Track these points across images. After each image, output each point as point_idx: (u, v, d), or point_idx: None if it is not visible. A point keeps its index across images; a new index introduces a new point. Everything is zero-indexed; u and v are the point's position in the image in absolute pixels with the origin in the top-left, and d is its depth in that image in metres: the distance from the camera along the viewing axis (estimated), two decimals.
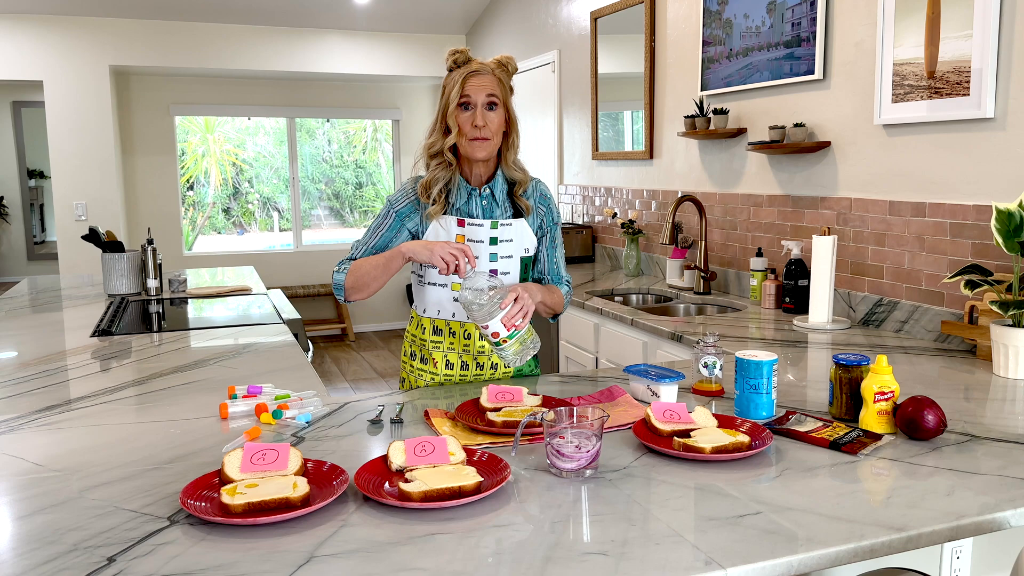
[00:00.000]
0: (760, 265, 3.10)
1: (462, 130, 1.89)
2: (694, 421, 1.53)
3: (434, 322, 2.01)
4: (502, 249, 1.98)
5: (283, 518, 1.17)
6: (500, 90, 1.90)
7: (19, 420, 1.72)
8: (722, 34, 3.29)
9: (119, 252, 3.50)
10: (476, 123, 1.87)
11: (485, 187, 1.97)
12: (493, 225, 1.96)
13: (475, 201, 1.97)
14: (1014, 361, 1.95)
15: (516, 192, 2.00)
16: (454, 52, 1.91)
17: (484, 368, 2.02)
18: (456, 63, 1.91)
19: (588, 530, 1.15)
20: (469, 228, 1.95)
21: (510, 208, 2.00)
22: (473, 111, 1.88)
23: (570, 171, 4.84)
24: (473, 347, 2.00)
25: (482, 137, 1.89)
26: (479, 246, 1.96)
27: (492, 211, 1.98)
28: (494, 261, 1.97)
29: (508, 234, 1.98)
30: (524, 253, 2.01)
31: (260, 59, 6.27)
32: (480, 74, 1.89)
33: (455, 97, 1.88)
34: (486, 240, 1.96)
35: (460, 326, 1.99)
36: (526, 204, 2.00)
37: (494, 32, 6.05)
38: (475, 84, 1.88)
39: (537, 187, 2.06)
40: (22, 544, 1.13)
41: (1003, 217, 1.97)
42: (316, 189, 7.73)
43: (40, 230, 9.52)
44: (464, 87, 1.88)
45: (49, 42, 5.75)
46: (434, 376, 2.03)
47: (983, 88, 2.21)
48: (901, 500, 1.25)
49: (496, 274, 1.97)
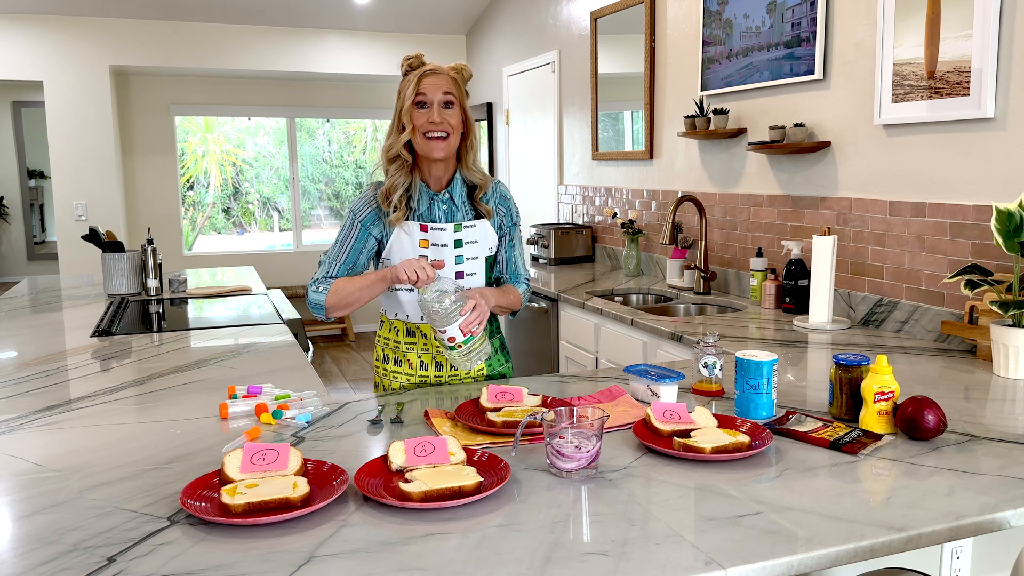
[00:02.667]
0: (760, 265, 3.10)
1: (418, 128, 1.90)
2: (694, 421, 1.53)
3: (407, 324, 2.02)
4: (467, 251, 1.99)
5: (283, 518, 1.17)
6: (456, 90, 1.92)
7: (19, 420, 1.72)
8: (722, 34, 3.29)
9: (119, 252, 3.50)
10: (433, 119, 1.88)
11: (444, 191, 1.98)
12: (456, 228, 1.98)
13: (436, 206, 1.98)
14: (1014, 361, 1.95)
15: (476, 196, 2.01)
16: (408, 57, 1.94)
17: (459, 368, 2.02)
18: (411, 66, 1.93)
19: (588, 530, 1.15)
20: (432, 232, 1.96)
21: (471, 211, 2.01)
22: (430, 108, 1.89)
23: (570, 171, 4.84)
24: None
25: (440, 134, 1.89)
26: (443, 250, 1.97)
27: (453, 215, 1.99)
28: (460, 263, 1.98)
29: (472, 235, 1.99)
30: (488, 252, 2.03)
31: (260, 59, 6.27)
32: (436, 73, 1.91)
33: (411, 95, 1.89)
34: (450, 243, 1.97)
35: (431, 328, 1.99)
36: (486, 208, 2.02)
37: (494, 32, 6.05)
38: (430, 83, 1.90)
39: (497, 188, 2.07)
40: (22, 544, 1.13)
41: (1003, 217, 1.97)
42: (316, 189, 7.73)
43: (40, 230, 9.52)
44: (420, 86, 1.89)
45: (49, 42, 5.75)
46: (409, 377, 2.04)
47: (983, 88, 2.21)
48: (901, 500, 1.25)
49: (463, 275, 1.99)
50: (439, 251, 1.97)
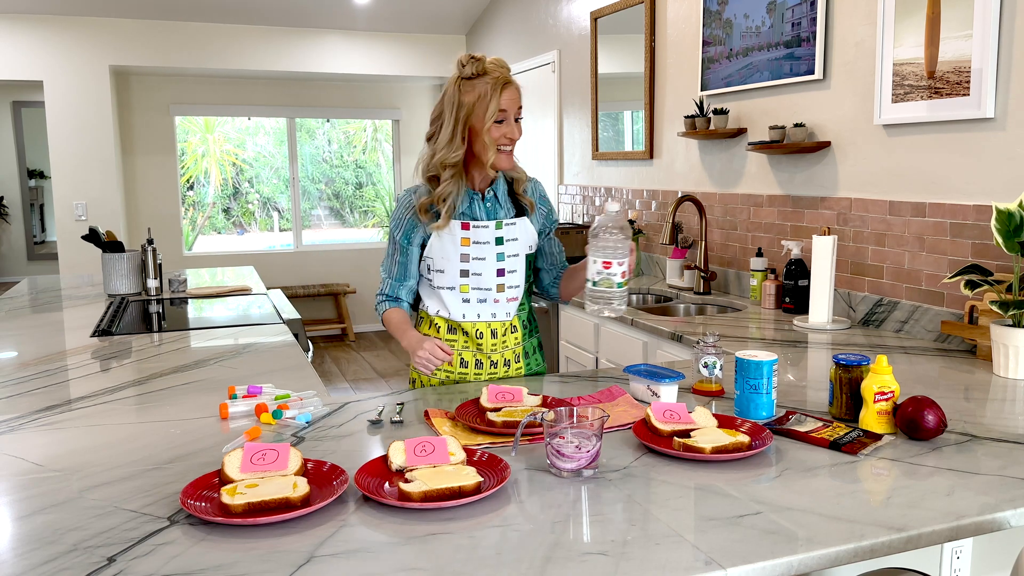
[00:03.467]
0: (760, 265, 3.10)
1: (495, 141, 1.89)
2: (694, 421, 1.53)
3: (448, 321, 2.02)
4: (508, 248, 1.99)
5: (283, 518, 1.17)
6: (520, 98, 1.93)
7: (19, 420, 1.72)
8: (722, 34, 3.29)
9: (119, 252, 3.50)
10: (512, 136, 1.88)
11: (489, 189, 1.98)
12: (498, 226, 1.97)
13: (478, 204, 1.98)
14: (1014, 361, 1.95)
15: (518, 190, 2.02)
16: (472, 59, 1.86)
17: (498, 366, 2.04)
18: (476, 71, 1.86)
19: (588, 530, 1.15)
20: (474, 231, 1.96)
21: (512, 208, 2.02)
22: (507, 123, 1.88)
23: (570, 171, 4.84)
24: (486, 346, 2.01)
25: (509, 150, 1.91)
26: (485, 247, 1.97)
27: (496, 212, 1.99)
28: (501, 261, 1.98)
29: (513, 233, 1.99)
30: (528, 250, 2.03)
31: (260, 59, 6.27)
32: (511, 84, 1.88)
33: (493, 111, 1.85)
34: (492, 241, 1.97)
35: (472, 326, 2.00)
36: (529, 201, 2.03)
37: (494, 32, 6.05)
38: (510, 97, 1.87)
39: (536, 187, 2.08)
40: (22, 544, 1.13)
41: (1003, 217, 1.97)
42: (316, 189, 7.73)
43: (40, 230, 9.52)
44: (501, 101, 1.86)
45: (49, 42, 5.75)
46: (449, 374, 2.04)
47: (983, 88, 2.21)
48: (901, 500, 1.25)
49: (504, 273, 1.99)
50: (480, 248, 1.96)
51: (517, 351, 2.06)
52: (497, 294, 1.99)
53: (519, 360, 2.07)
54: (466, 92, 1.87)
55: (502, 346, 2.03)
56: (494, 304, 2.00)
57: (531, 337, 2.12)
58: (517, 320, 2.04)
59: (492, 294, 1.99)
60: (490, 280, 1.98)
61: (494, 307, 2.00)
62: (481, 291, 1.99)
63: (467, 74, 1.87)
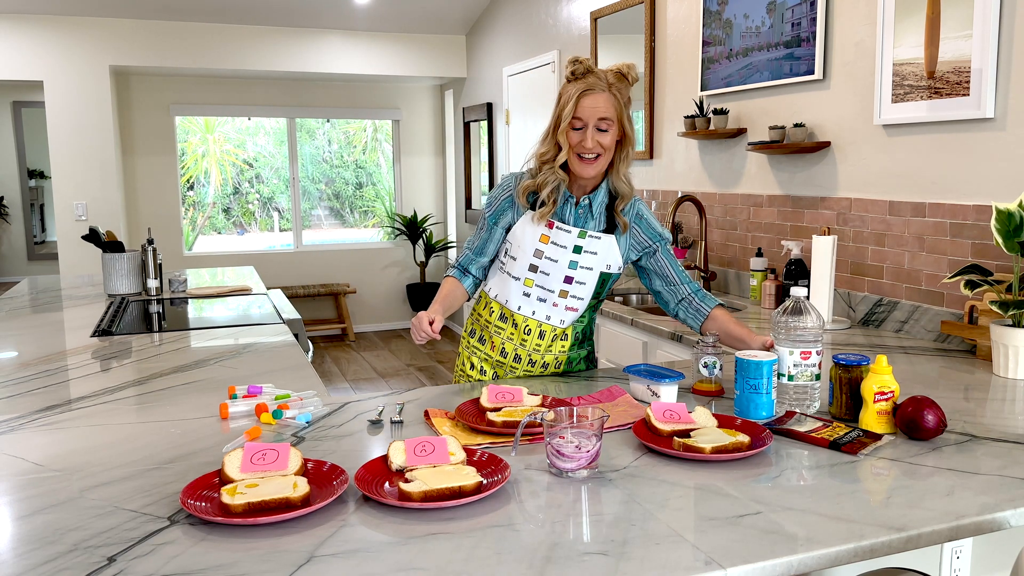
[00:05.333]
0: (760, 265, 3.10)
1: (572, 147, 1.88)
2: (694, 421, 1.53)
3: (503, 309, 2.03)
4: (583, 260, 1.97)
5: (283, 518, 1.17)
6: (615, 109, 1.87)
7: (19, 420, 1.72)
8: (722, 34, 3.29)
9: (119, 252, 3.50)
10: (585, 144, 1.86)
11: (586, 196, 1.96)
12: (581, 235, 1.96)
13: (570, 208, 1.97)
14: (1014, 361, 1.95)
15: (617, 207, 1.97)
16: (574, 62, 1.87)
17: (535, 365, 2.04)
18: (574, 74, 1.87)
19: (588, 530, 1.15)
20: (556, 232, 1.96)
21: (604, 222, 1.98)
22: (583, 132, 1.86)
23: None
24: (531, 343, 2.02)
25: (591, 156, 1.88)
26: (561, 251, 1.96)
27: (585, 221, 1.97)
28: (572, 269, 1.97)
29: (594, 247, 1.97)
30: (606, 269, 1.99)
31: (260, 59, 6.27)
32: (594, 93, 1.86)
33: (568, 115, 1.86)
34: (570, 247, 1.96)
35: (524, 319, 2.01)
36: (623, 221, 1.97)
37: (494, 32, 6.05)
38: (588, 105, 1.85)
39: (635, 205, 2.01)
40: (22, 544, 1.13)
41: (1003, 217, 1.97)
42: (316, 189, 7.73)
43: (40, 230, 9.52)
44: (577, 107, 1.85)
45: (49, 42, 5.75)
46: (488, 358, 2.06)
47: (983, 88, 2.21)
48: (901, 500, 1.25)
49: (572, 282, 1.97)
50: (556, 251, 1.96)
51: (560, 358, 2.06)
52: (558, 299, 1.99)
53: (560, 367, 2.07)
54: (562, 94, 1.90)
55: (546, 349, 2.03)
56: (552, 308, 2.00)
57: (580, 348, 2.10)
58: (571, 330, 2.04)
59: (553, 297, 1.99)
60: (555, 283, 1.97)
61: (551, 310, 2.00)
62: (543, 291, 1.98)
63: (567, 75, 1.89)
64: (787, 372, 1.67)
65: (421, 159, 7.65)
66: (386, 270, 7.58)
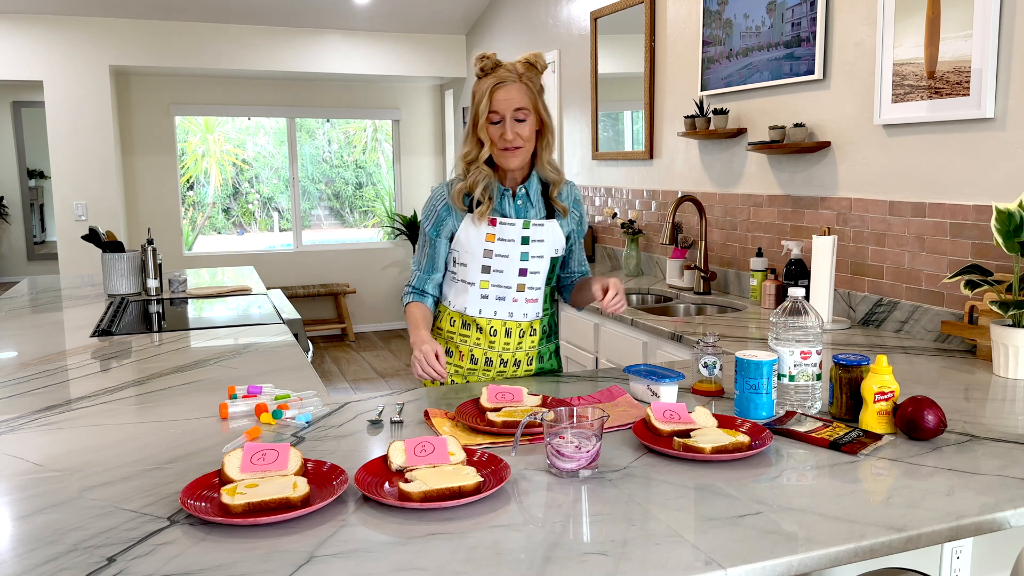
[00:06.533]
0: (760, 265, 3.10)
1: (493, 142, 1.90)
2: (694, 421, 1.53)
3: (463, 316, 2.02)
4: (533, 249, 1.99)
5: (283, 518, 1.17)
6: (528, 98, 1.89)
7: (19, 420, 1.72)
8: (722, 34, 3.29)
9: (119, 252, 3.50)
10: (506, 137, 1.87)
11: (520, 187, 1.98)
12: (525, 225, 1.97)
13: (508, 202, 1.98)
14: (1014, 361, 1.95)
15: (551, 194, 2.01)
16: (481, 58, 1.89)
17: (507, 365, 2.04)
18: (483, 70, 1.89)
19: (588, 530, 1.15)
20: (500, 227, 1.96)
21: (544, 209, 2.01)
22: (502, 125, 1.88)
23: (570, 171, 4.84)
24: (499, 344, 2.02)
25: (513, 148, 1.89)
26: (509, 245, 1.97)
27: (526, 211, 1.99)
28: (525, 261, 1.98)
29: (540, 234, 1.99)
30: (554, 254, 2.03)
31: (260, 59, 6.27)
32: (506, 85, 1.87)
33: (484, 111, 1.88)
34: (517, 239, 1.97)
35: (487, 322, 2.01)
36: (562, 206, 2.01)
37: (494, 32, 6.05)
38: (502, 98, 1.87)
39: (572, 191, 2.06)
40: (22, 544, 1.13)
41: (1003, 217, 1.97)
42: (316, 189, 7.73)
43: (40, 230, 9.51)
44: (492, 102, 1.87)
45: (49, 42, 5.75)
46: (458, 368, 2.05)
47: (983, 88, 2.21)
48: (901, 500, 1.25)
49: (526, 273, 1.99)
50: (505, 246, 1.97)
51: (531, 354, 2.06)
52: (517, 293, 2.00)
53: (531, 363, 2.07)
54: (475, 92, 1.91)
55: (516, 346, 2.03)
56: (513, 304, 2.00)
57: (548, 342, 2.11)
58: (537, 323, 2.05)
59: (512, 292, 1.99)
60: (511, 279, 1.98)
61: (512, 306, 2.01)
62: (501, 288, 1.99)
63: (476, 72, 1.91)
64: (787, 372, 1.67)
65: (421, 159, 7.64)
66: (386, 270, 7.58)
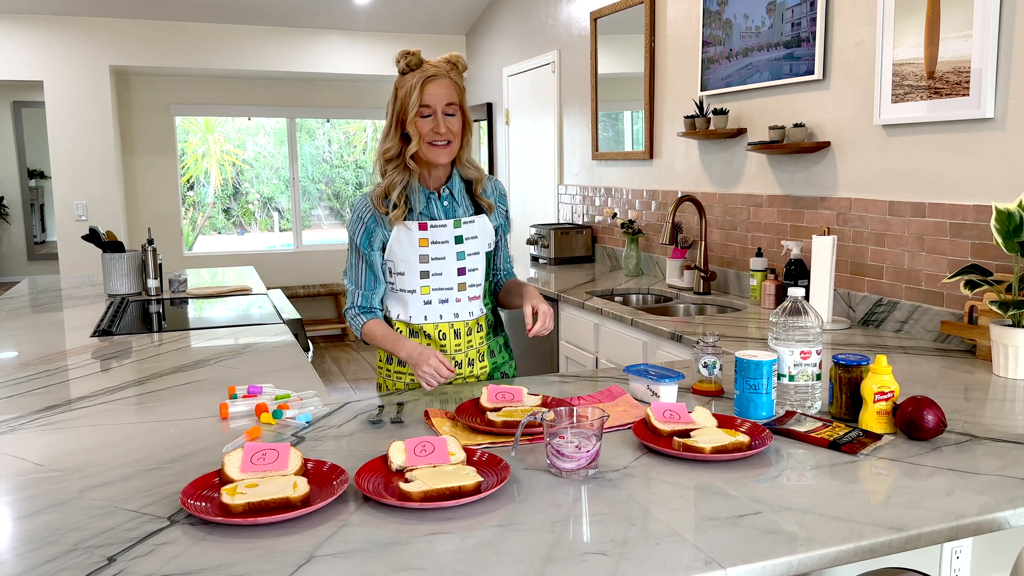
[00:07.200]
0: (760, 265, 3.10)
1: (423, 136, 1.89)
2: (694, 421, 1.53)
3: (409, 325, 2.01)
4: (468, 247, 1.99)
5: (283, 518, 1.17)
6: (457, 94, 1.90)
7: (19, 420, 1.72)
8: (722, 34, 3.29)
9: (119, 252, 3.50)
10: (438, 130, 1.87)
11: (444, 188, 1.98)
12: (456, 224, 1.98)
13: (435, 203, 1.98)
14: (1014, 361, 1.95)
15: (476, 191, 2.02)
16: (406, 54, 1.89)
17: (462, 365, 2.04)
18: (409, 66, 1.89)
19: (588, 530, 1.15)
20: (432, 231, 1.96)
21: (471, 206, 2.02)
22: (434, 118, 1.88)
23: (570, 171, 4.84)
24: (449, 346, 2.01)
25: (444, 141, 1.89)
26: (444, 247, 1.97)
27: (454, 211, 1.99)
28: (461, 259, 1.99)
29: (472, 231, 2.00)
30: (488, 248, 2.04)
31: (260, 59, 6.27)
32: (437, 79, 1.87)
33: (414, 104, 1.87)
34: (451, 240, 1.97)
35: (434, 327, 2.00)
36: (488, 203, 2.03)
37: (494, 32, 6.05)
38: (433, 92, 1.87)
39: (496, 186, 2.09)
40: (22, 544, 1.13)
41: (1003, 217, 1.97)
42: (316, 189, 7.73)
43: (40, 230, 9.52)
44: (423, 95, 1.87)
45: (49, 42, 5.75)
46: (413, 378, 2.03)
47: (983, 88, 2.21)
48: (901, 500, 1.25)
49: (465, 272, 2.00)
50: (439, 248, 1.96)
51: (482, 350, 2.06)
52: (459, 293, 2.00)
53: (483, 359, 2.06)
54: (400, 87, 1.91)
55: (466, 345, 2.03)
56: (456, 304, 2.00)
57: (496, 336, 2.12)
58: (483, 320, 2.05)
59: (453, 293, 1.99)
60: (450, 280, 1.98)
61: (456, 307, 2.00)
62: (442, 291, 1.98)
63: (401, 69, 1.90)
64: (787, 372, 1.67)
65: None
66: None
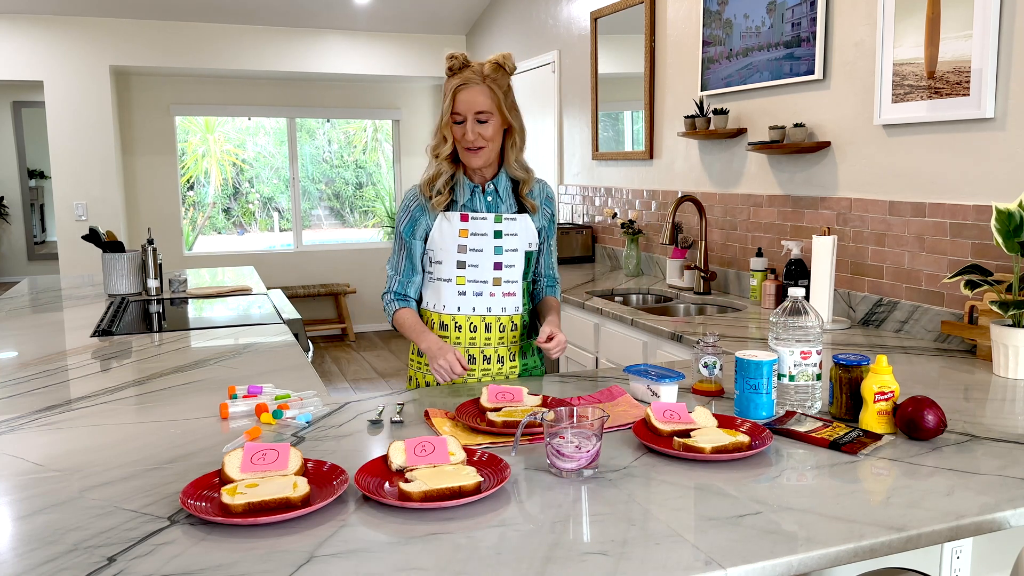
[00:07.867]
0: (760, 265, 3.10)
1: (457, 141, 1.93)
2: (694, 421, 1.53)
3: (441, 317, 2.02)
4: (506, 243, 2.00)
5: (283, 518, 1.17)
6: (491, 100, 1.90)
7: (19, 420, 1.72)
8: (722, 34, 3.29)
9: (119, 252, 3.50)
10: (467, 137, 1.89)
11: (489, 184, 2.00)
12: (497, 219, 1.99)
13: (479, 197, 1.99)
14: (1014, 361, 1.95)
15: (522, 192, 2.03)
16: (450, 57, 1.91)
17: (491, 361, 2.04)
18: (451, 69, 1.91)
19: (588, 530, 1.15)
20: (472, 222, 1.98)
21: (515, 205, 2.03)
22: (464, 125, 1.90)
23: (570, 171, 4.84)
24: (480, 340, 2.02)
25: (475, 148, 1.91)
26: (482, 239, 1.98)
27: (497, 206, 2.01)
28: (499, 254, 2.00)
29: (512, 228, 2.01)
30: (528, 248, 2.04)
31: (260, 59, 6.27)
32: (468, 87, 1.89)
33: (447, 111, 1.91)
34: (490, 233, 1.99)
35: (467, 320, 2.01)
36: (531, 203, 2.04)
37: (494, 32, 6.05)
38: (464, 99, 1.89)
39: (544, 188, 2.09)
40: (22, 544, 1.13)
41: (1003, 217, 1.97)
42: (316, 189, 7.73)
43: (40, 230, 9.52)
44: (455, 103, 1.89)
45: (49, 42, 5.75)
46: None
47: (983, 88, 2.21)
48: (901, 500, 1.25)
49: (501, 267, 2.01)
50: (478, 240, 1.98)
51: (513, 349, 2.06)
52: (493, 287, 2.00)
53: (514, 358, 2.07)
54: (445, 88, 1.94)
55: (497, 342, 2.03)
56: (489, 298, 2.01)
57: (531, 338, 2.12)
58: (518, 318, 2.05)
59: (488, 287, 2.00)
60: (486, 272, 1.99)
61: (490, 300, 2.01)
62: (477, 284, 2.00)
63: (446, 71, 1.94)
64: (787, 372, 1.67)
65: (421, 159, 7.63)
66: (386, 270, 7.58)
